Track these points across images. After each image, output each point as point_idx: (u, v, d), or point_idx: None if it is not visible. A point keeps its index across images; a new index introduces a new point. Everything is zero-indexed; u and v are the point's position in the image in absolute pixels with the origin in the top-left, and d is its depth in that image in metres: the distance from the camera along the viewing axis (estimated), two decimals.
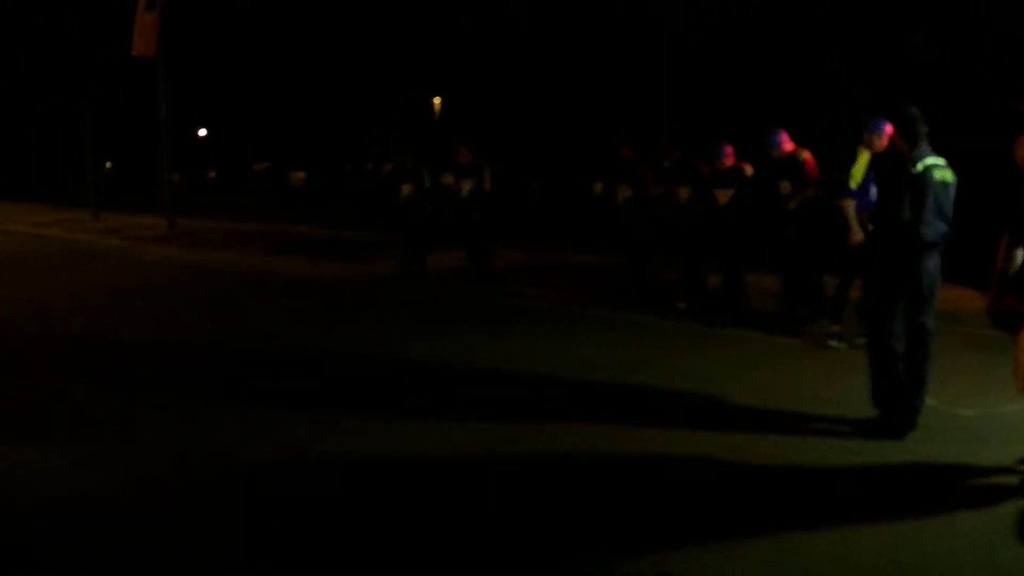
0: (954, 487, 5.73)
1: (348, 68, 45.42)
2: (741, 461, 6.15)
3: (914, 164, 6.64)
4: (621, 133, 15.18)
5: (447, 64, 40.26)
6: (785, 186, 10.42)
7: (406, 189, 14.48)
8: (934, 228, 6.62)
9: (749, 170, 11.04)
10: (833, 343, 9.50)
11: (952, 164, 6.92)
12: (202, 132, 58.59)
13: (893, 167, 6.86)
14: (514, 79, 36.17)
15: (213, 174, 54.42)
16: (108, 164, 47.70)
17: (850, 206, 9.01)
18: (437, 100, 44.51)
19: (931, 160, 6.69)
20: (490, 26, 36.46)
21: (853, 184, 8.88)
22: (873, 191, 8.43)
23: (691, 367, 8.79)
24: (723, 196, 10.99)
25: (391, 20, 41.62)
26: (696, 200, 11.36)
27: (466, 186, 13.79)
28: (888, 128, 8.62)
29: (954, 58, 21.25)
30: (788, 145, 10.51)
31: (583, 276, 14.02)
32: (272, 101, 51.00)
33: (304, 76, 47.91)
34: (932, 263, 6.69)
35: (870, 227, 8.36)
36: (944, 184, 6.71)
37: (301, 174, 50.89)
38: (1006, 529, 5.06)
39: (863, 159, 8.78)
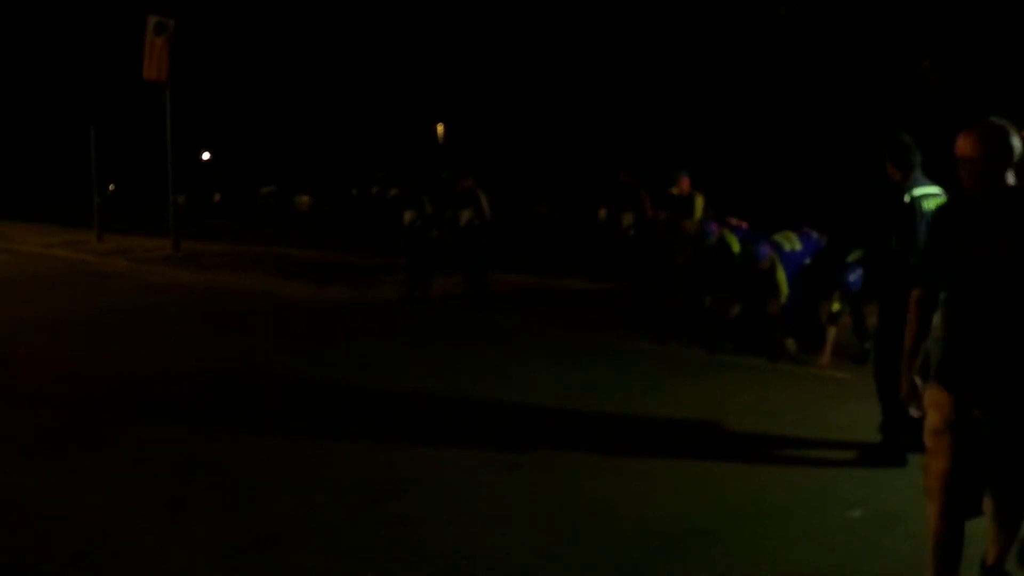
0: None
1: (354, 93, 45.61)
2: (744, 488, 6.19)
3: (905, 193, 6.64)
4: (625, 158, 15.27)
5: (452, 90, 40.43)
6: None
7: (408, 216, 14.59)
8: None
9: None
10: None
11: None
12: (206, 155, 58.75)
13: (886, 197, 6.83)
14: (519, 103, 36.28)
15: (218, 197, 54.54)
16: (111, 186, 47.75)
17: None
18: (440, 127, 44.66)
19: (922, 190, 6.65)
20: (495, 51, 36.62)
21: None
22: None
23: (693, 394, 8.84)
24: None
25: (397, 46, 41.82)
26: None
27: (464, 216, 13.90)
28: (715, 227, 11.03)
29: (964, 83, 21.30)
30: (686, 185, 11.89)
31: (587, 302, 14.07)
32: (278, 125, 51.17)
33: (310, 101, 48.10)
34: None
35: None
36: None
37: (306, 198, 50.96)
38: (1008, 557, 5.08)
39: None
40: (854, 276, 9.71)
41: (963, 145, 4.10)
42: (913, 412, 4.42)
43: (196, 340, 11.76)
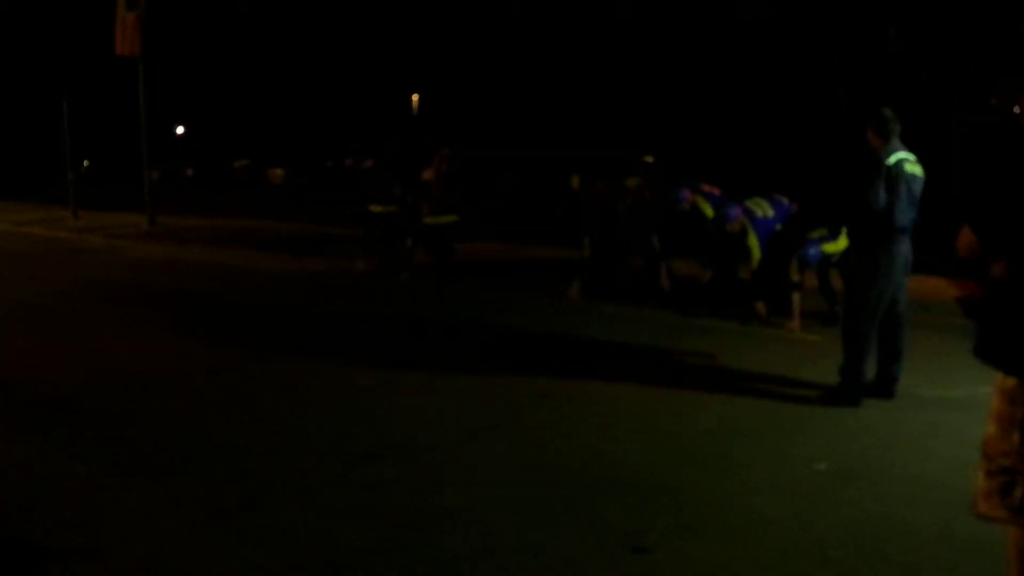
0: (915, 462, 5.98)
1: (327, 66, 45.46)
2: (711, 444, 6.40)
3: (887, 157, 7.22)
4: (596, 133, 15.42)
5: (425, 62, 40.37)
6: None
7: (376, 208, 14.62)
8: (906, 215, 7.26)
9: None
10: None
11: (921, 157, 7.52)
12: (180, 130, 58.48)
13: (866, 160, 7.36)
14: (495, 78, 36.30)
15: (191, 171, 54.35)
16: (85, 163, 47.50)
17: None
18: (415, 97, 44.62)
19: (902, 154, 7.29)
20: (468, 24, 36.58)
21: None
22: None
23: (665, 355, 9.08)
24: None
25: (370, 18, 41.68)
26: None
27: (442, 220, 13.87)
28: (687, 194, 11.23)
29: (929, 51, 21.45)
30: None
31: (559, 269, 14.22)
32: (251, 98, 50.98)
33: (283, 74, 47.92)
34: (905, 247, 7.37)
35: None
36: (914, 176, 7.35)
37: (279, 171, 50.90)
38: (965, 504, 5.29)
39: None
40: (814, 250, 10.01)
41: None
42: None
43: (175, 315, 11.84)
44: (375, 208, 14.65)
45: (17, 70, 44.81)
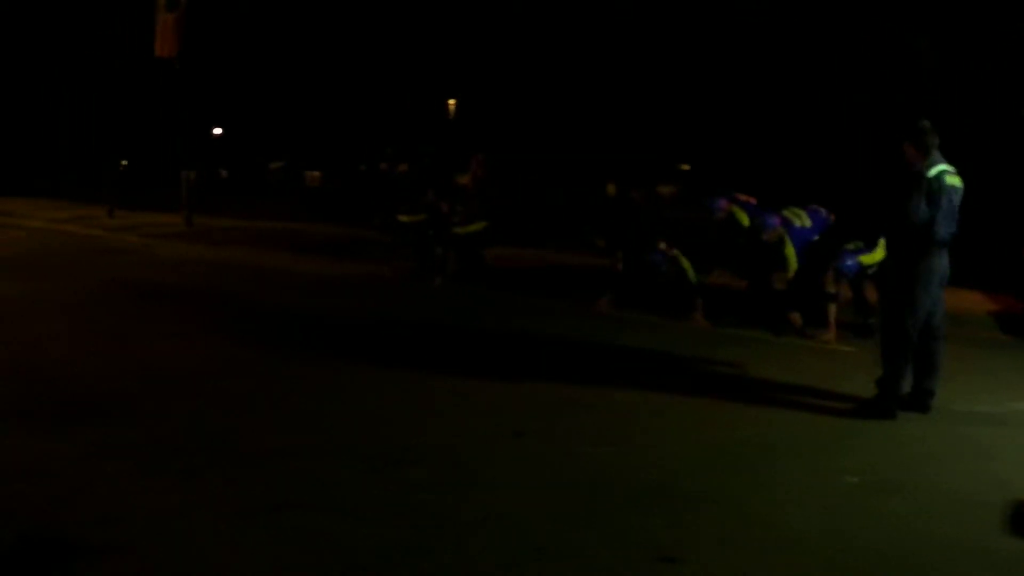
0: (949, 477, 5.91)
1: (363, 68, 45.63)
2: (743, 455, 6.35)
3: (927, 170, 7.21)
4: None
5: (462, 65, 40.43)
6: None
7: (406, 218, 14.64)
8: (947, 228, 7.25)
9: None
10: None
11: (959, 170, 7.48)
12: (217, 131, 58.79)
13: (906, 172, 7.35)
14: (529, 80, 36.26)
15: (225, 173, 54.52)
16: (123, 163, 47.80)
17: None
18: (452, 102, 44.65)
19: (942, 167, 7.28)
20: (505, 27, 36.61)
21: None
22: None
23: (697, 365, 9.05)
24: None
25: (407, 20, 41.82)
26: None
27: (473, 227, 13.88)
28: (723, 203, 11.09)
29: (960, 63, 21.24)
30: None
31: (590, 277, 14.17)
32: (287, 100, 51.22)
33: (319, 76, 48.13)
34: (943, 260, 7.35)
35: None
36: (954, 188, 7.33)
37: (316, 173, 51.02)
38: (999, 520, 5.24)
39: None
40: (851, 261, 9.92)
41: None
42: None
43: (207, 316, 11.84)
44: (404, 218, 14.67)
45: (57, 70, 45.28)
